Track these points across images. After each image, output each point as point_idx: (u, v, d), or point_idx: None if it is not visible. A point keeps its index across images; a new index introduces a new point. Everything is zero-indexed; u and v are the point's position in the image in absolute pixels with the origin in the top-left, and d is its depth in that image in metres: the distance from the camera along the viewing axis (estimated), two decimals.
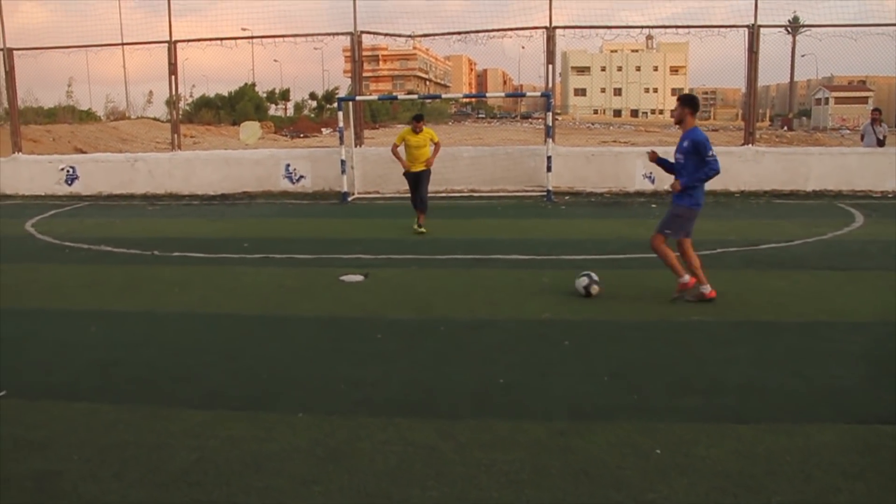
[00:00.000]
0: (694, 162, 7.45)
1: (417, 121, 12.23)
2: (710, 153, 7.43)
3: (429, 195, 12.38)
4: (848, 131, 56.21)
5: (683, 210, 7.50)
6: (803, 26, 19.65)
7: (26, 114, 32.22)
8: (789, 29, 23.04)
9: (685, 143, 7.47)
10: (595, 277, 7.67)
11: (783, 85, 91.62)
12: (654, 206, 15.15)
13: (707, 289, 7.40)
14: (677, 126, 7.68)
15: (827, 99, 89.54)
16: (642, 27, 18.85)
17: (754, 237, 10.97)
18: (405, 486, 3.74)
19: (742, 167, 16.98)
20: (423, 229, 11.90)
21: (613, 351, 5.92)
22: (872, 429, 4.32)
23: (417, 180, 12.18)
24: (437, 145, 12.40)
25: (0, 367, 5.74)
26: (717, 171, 7.46)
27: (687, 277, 7.47)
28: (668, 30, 18.58)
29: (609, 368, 5.46)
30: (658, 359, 5.70)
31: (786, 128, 62.18)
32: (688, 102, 7.58)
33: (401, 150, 12.33)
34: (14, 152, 19.77)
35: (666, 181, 16.70)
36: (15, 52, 19.39)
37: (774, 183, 16.86)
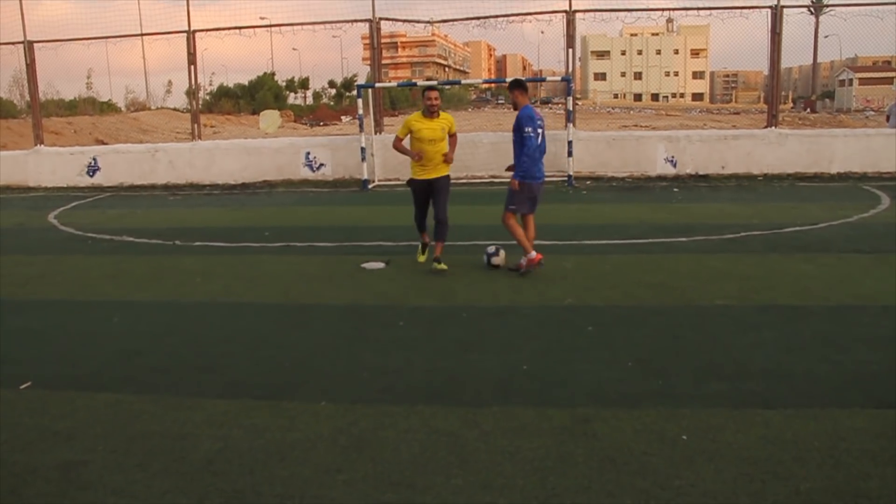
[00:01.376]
0: (518, 139, 7.93)
1: (431, 94, 8.30)
2: (527, 130, 7.83)
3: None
4: (873, 112, 55.51)
5: (516, 184, 7.97)
6: (827, 6, 19.39)
7: (48, 106, 32.55)
8: (812, 9, 22.74)
9: (515, 123, 7.96)
10: (491, 250, 8.36)
11: (805, 67, 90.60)
12: (676, 190, 15.03)
13: (532, 255, 7.99)
14: (515, 110, 8.09)
15: (851, 80, 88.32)
16: (663, 9, 18.67)
17: (779, 220, 10.84)
18: (429, 473, 3.72)
19: (765, 150, 16.79)
20: (443, 265, 8.22)
21: (637, 336, 5.87)
22: None
23: (431, 192, 8.45)
24: (453, 139, 8.51)
25: (25, 358, 5.79)
26: (533, 148, 7.88)
27: (534, 254, 7.94)
28: (689, 12, 18.38)
29: (633, 354, 5.42)
30: (683, 344, 5.64)
31: (809, 110, 61.41)
32: (514, 85, 8.11)
33: (406, 144, 8.60)
34: (36, 145, 19.93)
35: (688, 165, 16.66)
36: (35, 44, 19.51)
37: (798, 166, 16.65)
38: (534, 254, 7.97)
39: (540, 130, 7.92)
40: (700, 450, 3.86)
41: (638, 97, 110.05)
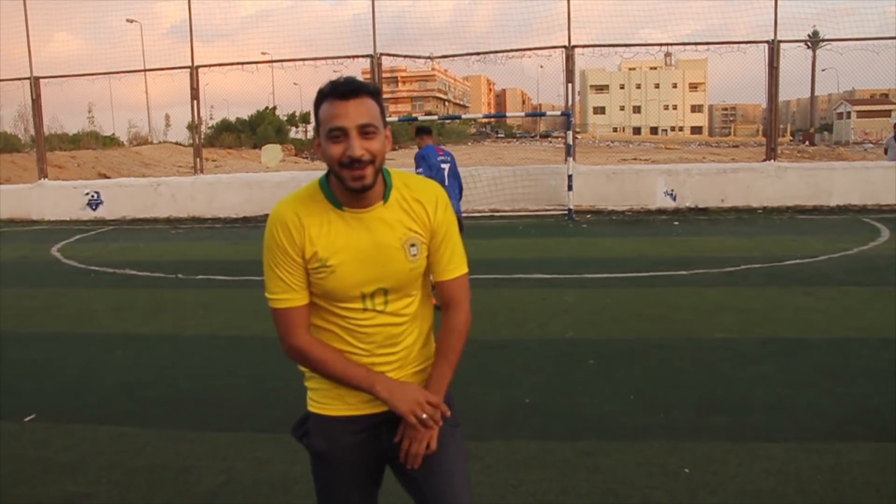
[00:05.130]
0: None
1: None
2: (418, 169, 8.21)
3: None
4: (871, 145, 55.82)
5: None
6: (824, 40, 19.59)
7: (51, 140, 32.75)
8: (809, 44, 22.97)
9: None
10: None
11: (804, 99, 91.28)
12: (676, 223, 15.09)
13: None
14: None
15: (849, 113, 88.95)
16: (661, 45, 18.89)
17: (778, 253, 10.88)
18: None
19: (764, 183, 16.89)
20: None
21: (638, 370, 5.88)
22: None
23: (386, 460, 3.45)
24: (455, 288, 2.60)
25: (29, 390, 5.81)
26: None
27: None
28: (686, 47, 18.58)
29: (634, 387, 5.43)
30: (684, 377, 5.65)
31: (807, 143, 61.81)
32: (417, 132, 8.68)
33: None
34: (40, 178, 20.07)
35: (688, 199, 16.73)
36: (41, 80, 19.72)
37: (797, 198, 16.73)
38: None
39: (444, 167, 8.30)
40: (702, 483, 3.87)
41: (637, 131, 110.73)
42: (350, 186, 2.02)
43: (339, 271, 2.07)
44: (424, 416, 2.09)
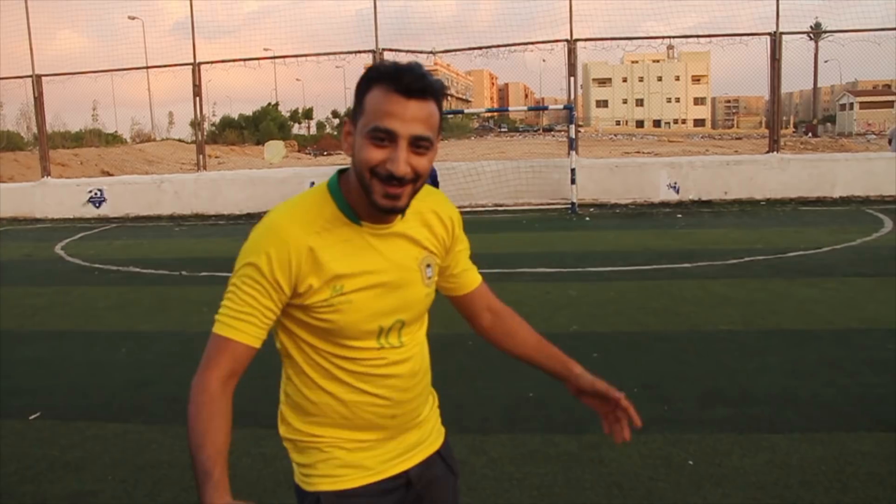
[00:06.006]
0: None
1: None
2: None
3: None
4: (874, 136, 55.69)
5: None
6: (826, 32, 19.51)
7: (54, 138, 32.81)
8: (812, 35, 22.89)
9: None
10: None
11: (806, 91, 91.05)
12: (679, 216, 15.07)
13: None
14: None
15: (852, 104, 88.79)
16: (663, 38, 18.87)
17: (782, 245, 10.87)
18: None
19: (767, 175, 16.87)
20: None
21: (642, 362, 5.89)
22: None
23: None
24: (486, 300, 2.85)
25: (33, 388, 5.82)
26: None
27: None
28: (689, 39, 18.55)
29: (638, 380, 5.43)
30: (688, 370, 5.66)
31: (810, 134, 61.65)
32: None
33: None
34: (43, 176, 20.10)
35: (691, 191, 16.71)
36: (43, 78, 19.74)
37: (801, 190, 16.71)
38: None
39: None
40: (707, 475, 3.87)
41: (640, 124, 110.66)
42: (378, 204, 1.60)
43: (357, 301, 1.67)
44: None
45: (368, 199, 1.61)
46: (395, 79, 1.53)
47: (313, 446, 1.85)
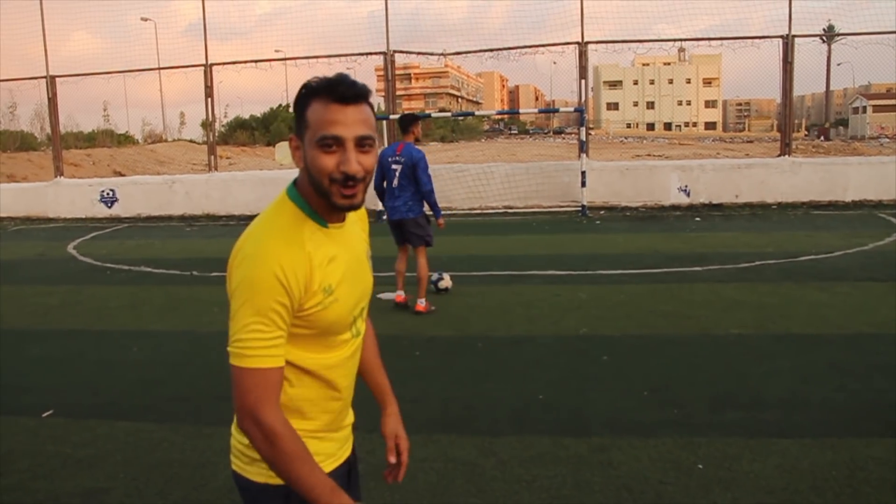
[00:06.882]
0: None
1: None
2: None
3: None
4: (887, 139, 55.40)
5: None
6: (839, 35, 19.43)
7: (67, 139, 32.94)
8: (824, 38, 22.79)
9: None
10: (434, 277, 8.56)
11: (819, 94, 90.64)
12: (690, 219, 15.04)
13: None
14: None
15: (865, 107, 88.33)
16: (674, 40, 18.82)
17: (793, 249, 10.83)
18: (446, 502, 3.74)
19: (779, 178, 16.80)
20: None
21: (652, 366, 5.88)
22: None
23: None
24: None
25: (46, 386, 5.87)
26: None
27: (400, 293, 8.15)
28: (700, 42, 18.51)
29: (648, 383, 5.43)
30: (698, 373, 5.65)
31: (822, 137, 61.40)
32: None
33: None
34: (56, 176, 20.22)
35: (702, 194, 16.67)
36: (57, 79, 19.86)
37: (812, 194, 16.63)
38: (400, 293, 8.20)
39: (395, 168, 7.81)
40: (716, 479, 3.87)
41: (651, 126, 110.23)
42: (338, 204, 1.75)
43: (341, 296, 1.81)
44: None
45: (328, 201, 1.76)
46: (330, 90, 1.69)
47: None
